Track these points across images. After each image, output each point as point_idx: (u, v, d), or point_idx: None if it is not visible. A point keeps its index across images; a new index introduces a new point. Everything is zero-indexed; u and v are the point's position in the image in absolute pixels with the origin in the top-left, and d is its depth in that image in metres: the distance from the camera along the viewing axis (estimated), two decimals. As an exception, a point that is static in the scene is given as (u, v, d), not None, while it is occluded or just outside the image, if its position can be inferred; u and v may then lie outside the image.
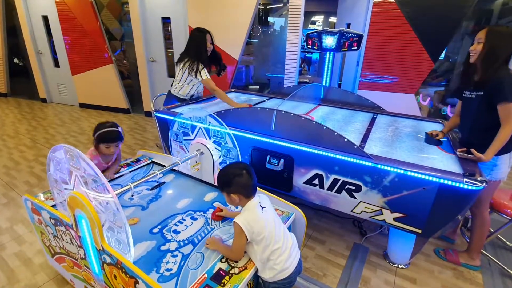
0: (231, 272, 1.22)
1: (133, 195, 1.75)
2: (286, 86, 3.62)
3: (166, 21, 4.57)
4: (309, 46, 3.16)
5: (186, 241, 1.40)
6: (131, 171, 2.01)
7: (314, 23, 8.42)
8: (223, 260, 1.28)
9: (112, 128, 1.68)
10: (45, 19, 5.34)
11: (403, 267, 1.96)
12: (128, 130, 4.59)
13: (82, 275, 1.54)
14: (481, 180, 1.44)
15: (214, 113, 1.97)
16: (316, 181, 1.90)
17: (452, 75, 4.13)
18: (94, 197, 1.21)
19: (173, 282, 1.18)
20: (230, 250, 1.30)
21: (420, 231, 1.69)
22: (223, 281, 1.17)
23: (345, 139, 1.71)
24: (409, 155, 1.77)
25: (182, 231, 1.47)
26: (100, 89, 5.43)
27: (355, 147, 1.69)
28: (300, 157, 1.92)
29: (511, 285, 1.85)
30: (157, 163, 2.17)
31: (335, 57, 3.13)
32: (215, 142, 1.97)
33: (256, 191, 1.32)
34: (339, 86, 4.56)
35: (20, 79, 6.70)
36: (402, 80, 3.58)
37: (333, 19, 7.67)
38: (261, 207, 1.28)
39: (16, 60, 6.68)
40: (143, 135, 4.37)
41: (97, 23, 4.90)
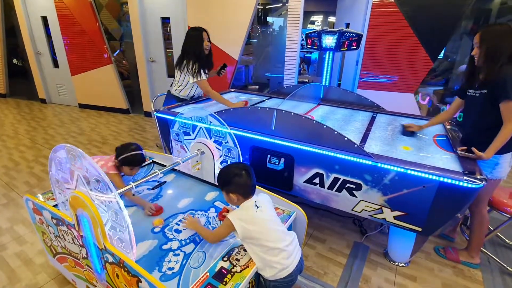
0: (233, 270, 1.22)
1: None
2: (285, 85, 3.63)
3: (165, 21, 4.57)
4: (308, 45, 3.17)
5: (187, 240, 1.41)
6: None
7: (313, 23, 8.43)
8: (225, 258, 1.28)
9: (137, 151, 1.75)
10: (44, 19, 5.33)
11: (403, 265, 1.97)
12: (127, 130, 4.59)
13: (84, 274, 1.55)
14: (481, 178, 1.45)
15: (214, 113, 1.98)
16: (316, 180, 1.91)
17: (451, 75, 4.15)
18: (96, 196, 1.21)
19: (175, 280, 1.18)
20: (210, 233, 1.38)
21: (420, 229, 1.70)
22: (225, 280, 1.17)
23: (345, 138, 1.72)
24: (409, 153, 1.78)
25: (183, 230, 1.48)
26: (99, 90, 5.43)
27: (355, 146, 1.70)
28: (300, 156, 1.92)
29: (511, 283, 1.86)
30: (158, 163, 2.17)
31: (334, 56, 3.14)
32: (216, 141, 1.98)
33: (254, 191, 1.35)
34: (339, 85, 4.57)
35: (19, 80, 6.70)
36: (401, 79, 3.60)
37: (332, 19, 7.68)
38: (256, 206, 1.30)
39: (15, 60, 6.67)
40: (142, 135, 4.37)
41: (96, 24, 4.90)
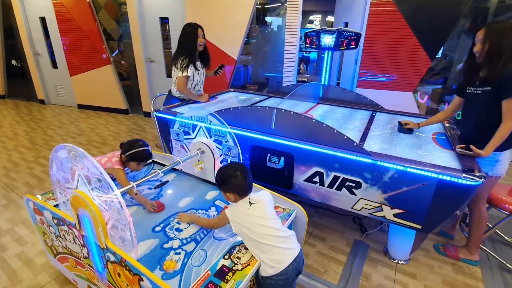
0: (234, 268, 1.23)
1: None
2: (285, 85, 3.63)
3: (164, 21, 4.57)
4: (307, 45, 3.17)
5: (188, 239, 1.41)
6: (132, 171, 2.02)
7: (311, 22, 8.45)
8: (226, 257, 1.29)
9: (144, 147, 1.78)
10: (43, 20, 5.32)
11: (403, 262, 1.98)
12: (127, 130, 4.59)
13: (85, 274, 1.55)
14: (480, 175, 1.46)
15: (215, 112, 1.98)
16: (316, 179, 1.92)
17: (449, 73, 4.16)
18: (97, 195, 1.22)
19: (177, 279, 1.19)
20: (208, 220, 1.51)
21: (419, 227, 1.71)
22: (226, 278, 1.18)
23: (345, 137, 1.73)
24: (408, 151, 1.79)
25: (184, 229, 1.48)
26: (98, 90, 5.42)
27: (355, 144, 1.71)
28: (300, 155, 1.93)
29: (510, 279, 1.88)
30: (158, 163, 2.18)
31: (333, 55, 3.14)
32: (216, 141, 1.98)
33: (251, 190, 1.38)
34: (338, 84, 4.58)
35: (17, 81, 6.68)
36: (400, 78, 3.61)
37: (330, 18, 7.70)
38: (250, 203, 1.33)
39: (13, 61, 6.65)
40: (142, 136, 4.37)
41: (94, 24, 4.89)
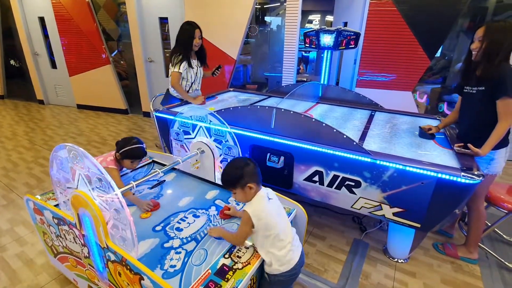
0: (234, 267, 1.23)
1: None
2: (284, 84, 3.64)
3: (163, 21, 4.58)
4: (307, 44, 3.18)
5: (189, 238, 1.42)
6: (132, 171, 2.02)
7: (311, 22, 8.46)
8: (227, 256, 1.29)
9: (138, 145, 1.76)
10: (42, 20, 5.31)
11: (402, 261, 1.99)
12: (126, 130, 4.59)
13: (85, 273, 1.55)
14: (478, 174, 1.47)
15: (214, 112, 1.99)
16: (316, 178, 1.93)
17: (448, 73, 4.17)
18: (98, 195, 1.22)
19: (178, 278, 1.19)
20: (233, 235, 1.36)
21: (419, 225, 1.72)
22: (226, 276, 1.18)
23: (344, 136, 1.74)
24: (407, 150, 1.79)
25: (184, 229, 1.48)
26: (97, 90, 5.42)
27: (354, 143, 1.72)
28: (300, 154, 1.94)
29: (509, 277, 1.89)
30: (158, 162, 2.18)
31: (332, 55, 3.15)
32: (216, 140, 1.99)
33: (261, 180, 1.35)
34: (337, 84, 4.59)
35: (16, 81, 6.67)
36: (399, 77, 3.62)
37: (330, 18, 7.71)
38: (268, 198, 1.32)
39: (12, 61, 6.64)
40: (141, 136, 4.37)
41: (94, 24, 4.89)
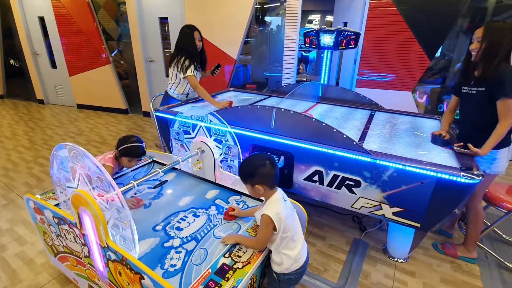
0: (234, 266, 1.24)
1: (135, 193, 1.76)
2: (284, 84, 3.64)
3: (163, 21, 4.58)
4: (307, 44, 3.18)
5: (189, 238, 1.42)
6: (132, 170, 2.02)
7: (311, 22, 8.46)
8: (227, 255, 1.30)
9: (138, 143, 1.73)
10: (41, 20, 5.31)
11: (402, 261, 1.99)
12: (126, 130, 4.59)
13: (86, 273, 1.56)
14: (478, 173, 1.47)
15: (215, 111, 1.99)
16: (316, 178, 1.93)
17: (448, 73, 4.18)
18: (98, 194, 1.22)
19: (178, 277, 1.19)
20: (254, 240, 1.33)
21: (418, 225, 1.72)
22: (227, 276, 1.19)
23: (344, 136, 1.74)
24: (407, 150, 1.80)
25: (185, 228, 1.49)
26: (97, 90, 5.42)
27: (354, 143, 1.72)
28: (300, 154, 1.94)
29: (508, 277, 1.89)
30: (158, 162, 2.18)
31: (332, 55, 3.15)
32: (216, 140, 1.99)
33: (278, 181, 1.31)
34: (337, 84, 4.59)
35: (16, 81, 6.67)
36: (399, 77, 3.62)
37: (330, 18, 7.71)
38: (284, 199, 1.31)
39: (12, 61, 6.64)
40: (142, 135, 4.37)
41: (94, 24, 4.89)
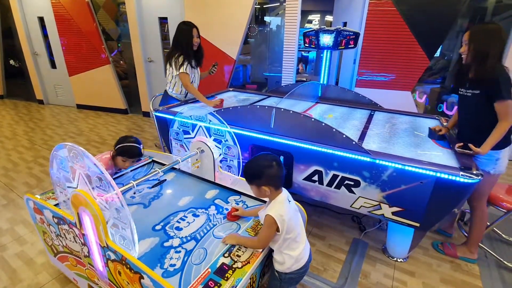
0: (234, 266, 1.24)
1: (135, 193, 1.76)
2: (284, 84, 3.65)
3: (163, 21, 4.58)
4: (306, 44, 3.18)
5: (188, 237, 1.42)
6: (132, 170, 2.02)
7: (310, 22, 8.47)
8: (226, 255, 1.30)
9: (134, 144, 1.71)
10: (41, 20, 5.31)
11: (401, 260, 2.00)
12: (126, 130, 4.59)
13: (85, 273, 1.56)
14: (477, 173, 1.47)
15: (214, 112, 1.99)
16: (315, 177, 1.93)
17: (447, 73, 4.18)
18: (98, 194, 1.22)
19: (177, 277, 1.19)
20: (255, 240, 1.33)
21: (418, 225, 1.73)
22: (226, 275, 1.19)
23: (344, 136, 1.74)
24: (406, 150, 1.80)
25: (184, 228, 1.49)
26: (97, 90, 5.42)
27: (354, 143, 1.72)
28: (299, 154, 1.94)
29: (507, 277, 1.89)
30: (158, 162, 2.18)
31: (332, 55, 3.16)
32: (216, 140, 1.99)
33: (284, 182, 1.31)
34: (337, 84, 4.60)
35: (16, 81, 6.67)
36: (398, 77, 3.62)
37: (329, 18, 7.71)
38: (288, 200, 1.31)
39: (12, 61, 6.65)
40: (141, 135, 4.37)
41: (93, 24, 4.89)
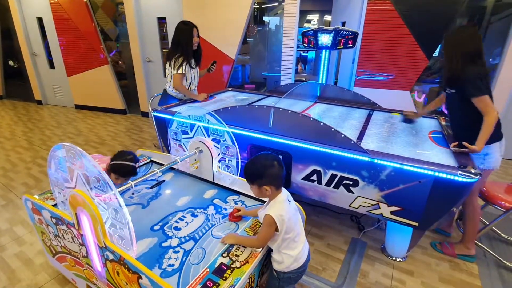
0: (232, 266, 1.24)
1: (133, 193, 1.76)
2: (282, 84, 3.64)
3: (161, 21, 4.58)
4: (305, 44, 3.19)
5: (187, 237, 1.42)
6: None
7: (309, 21, 8.46)
8: (225, 254, 1.30)
9: (129, 162, 1.62)
10: (40, 20, 5.31)
11: (400, 260, 2.00)
12: (125, 130, 4.59)
13: (84, 273, 1.56)
14: (475, 172, 1.47)
15: (213, 111, 1.99)
16: (314, 177, 1.93)
17: (446, 72, 4.18)
18: (96, 194, 1.22)
19: (176, 277, 1.19)
20: (254, 239, 1.33)
21: (416, 224, 1.73)
22: (224, 275, 1.19)
23: (342, 135, 1.74)
24: (405, 149, 1.80)
25: (183, 228, 1.49)
26: (96, 90, 5.42)
27: (352, 142, 1.72)
28: (298, 154, 1.94)
29: (506, 275, 1.89)
30: (156, 162, 2.18)
31: (331, 55, 3.16)
32: (214, 140, 1.98)
33: (284, 183, 1.31)
34: (335, 83, 4.60)
35: (15, 81, 6.66)
36: (397, 77, 3.63)
37: (328, 18, 7.71)
38: (288, 200, 1.31)
39: (10, 62, 6.63)
40: (140, 135, 4.37)
41: (92, 24, 4.88)
